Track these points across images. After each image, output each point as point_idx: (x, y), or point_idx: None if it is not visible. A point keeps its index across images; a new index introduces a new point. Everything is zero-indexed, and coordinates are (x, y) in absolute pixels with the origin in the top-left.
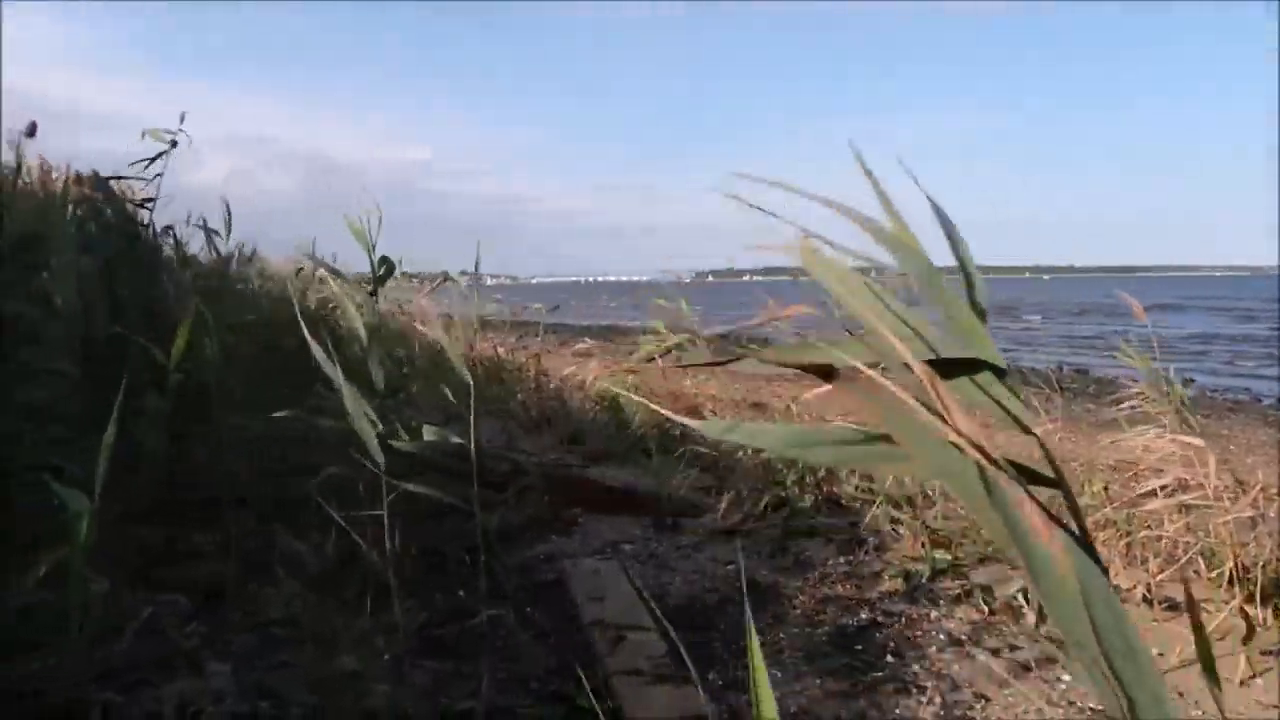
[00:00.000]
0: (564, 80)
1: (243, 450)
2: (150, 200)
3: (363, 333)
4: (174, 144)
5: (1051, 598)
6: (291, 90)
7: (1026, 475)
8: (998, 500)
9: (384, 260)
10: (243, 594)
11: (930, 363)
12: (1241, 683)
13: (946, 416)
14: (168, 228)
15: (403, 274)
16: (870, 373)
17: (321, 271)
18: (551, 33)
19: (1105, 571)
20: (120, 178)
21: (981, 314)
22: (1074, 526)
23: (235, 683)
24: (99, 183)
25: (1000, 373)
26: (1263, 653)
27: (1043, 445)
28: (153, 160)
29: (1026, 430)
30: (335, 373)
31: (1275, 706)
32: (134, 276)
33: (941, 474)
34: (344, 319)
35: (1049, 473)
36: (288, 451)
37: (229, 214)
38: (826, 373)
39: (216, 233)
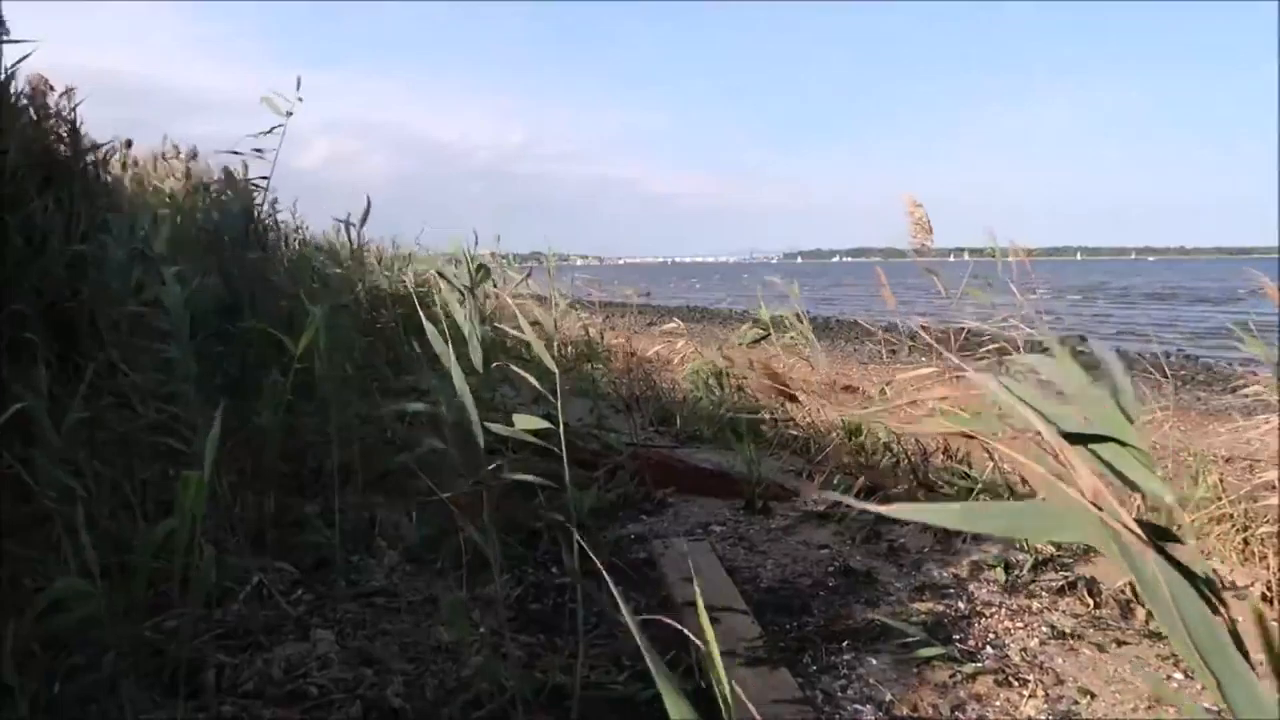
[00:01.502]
0: (682, 63)
1: (348, 426)
2: (265, 178)
3: (463, 318)
4: (289, 114)
5: (1150, 598)
6: (399, 76)
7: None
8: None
9: (480, 267)
10: (346, 564)
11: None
12: None
13: (1072, 468)
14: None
15: (495, 254)
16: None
17: (415, 253)
18: (655, 12)
19: (1200, 577)
20: (235, 153)
21: (1129, 415)
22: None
23: (339, 649)
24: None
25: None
26: None
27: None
28: (267, 133)
29: (1137, 489)
30: (448, 354)
31: None
32: (249, 256)
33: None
34: (440, 302)
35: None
36: (390, 428)
37: (368, 204)
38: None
39: (352, 224)
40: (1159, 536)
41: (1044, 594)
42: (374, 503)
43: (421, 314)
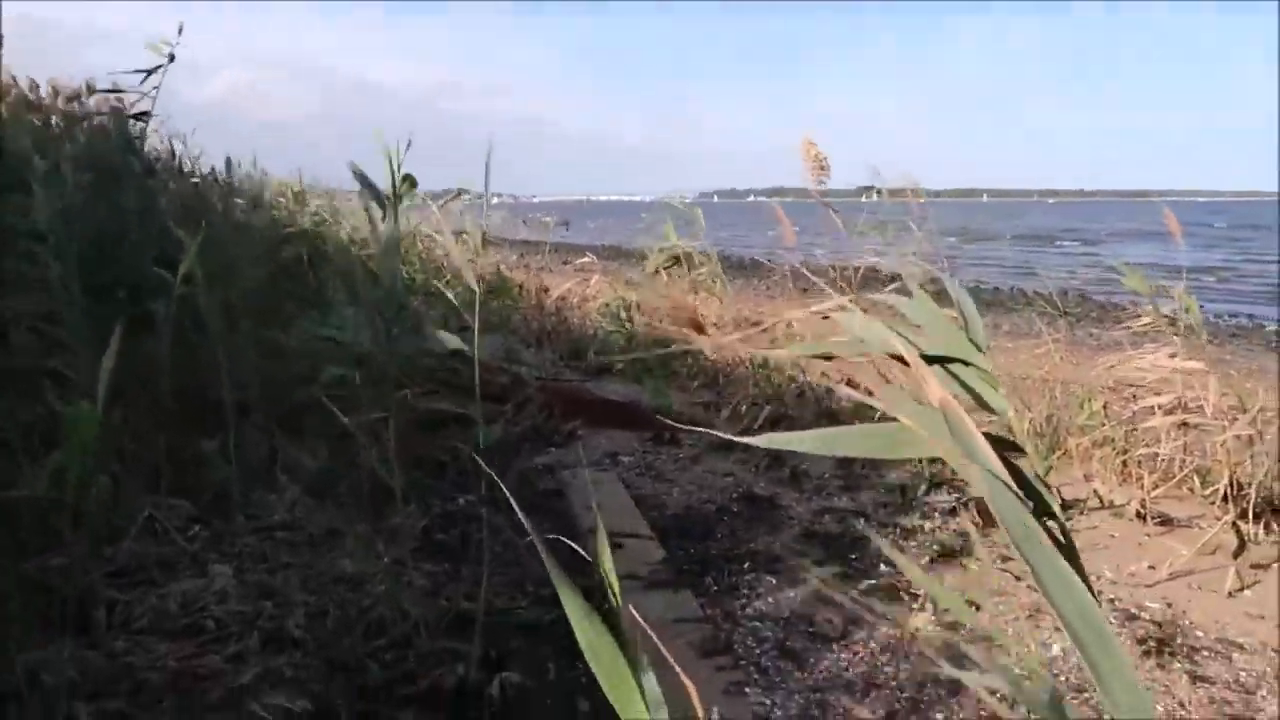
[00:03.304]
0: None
1: (247, 359)
2: (146, 114)
3: (383, 243)
4: (171, 58)
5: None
6: (316, 8)
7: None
8: (955, 432)
9: (406, 177)
10: (246, 499)
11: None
12: (1230, 594)
13: (923, 382)
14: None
15: (413, 195)
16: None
17: (320, 189)
18: None
19: (1032, 485)
20: (115, 91)
21: (977, 342)
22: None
23: (238, 583)
24: (93, 95)
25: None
26: (1252, 566)
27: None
28: (149, 74)
29: (986, 406)
30: (357, 271)
31: (1261, 616)
32: (131, 189)
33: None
34: (346, 234)
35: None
36: (291, 361)
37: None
38: (829, 357)
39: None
40: (1000, 447)
41: (936, 514)
42: (275, 437)
43: (343, 236)
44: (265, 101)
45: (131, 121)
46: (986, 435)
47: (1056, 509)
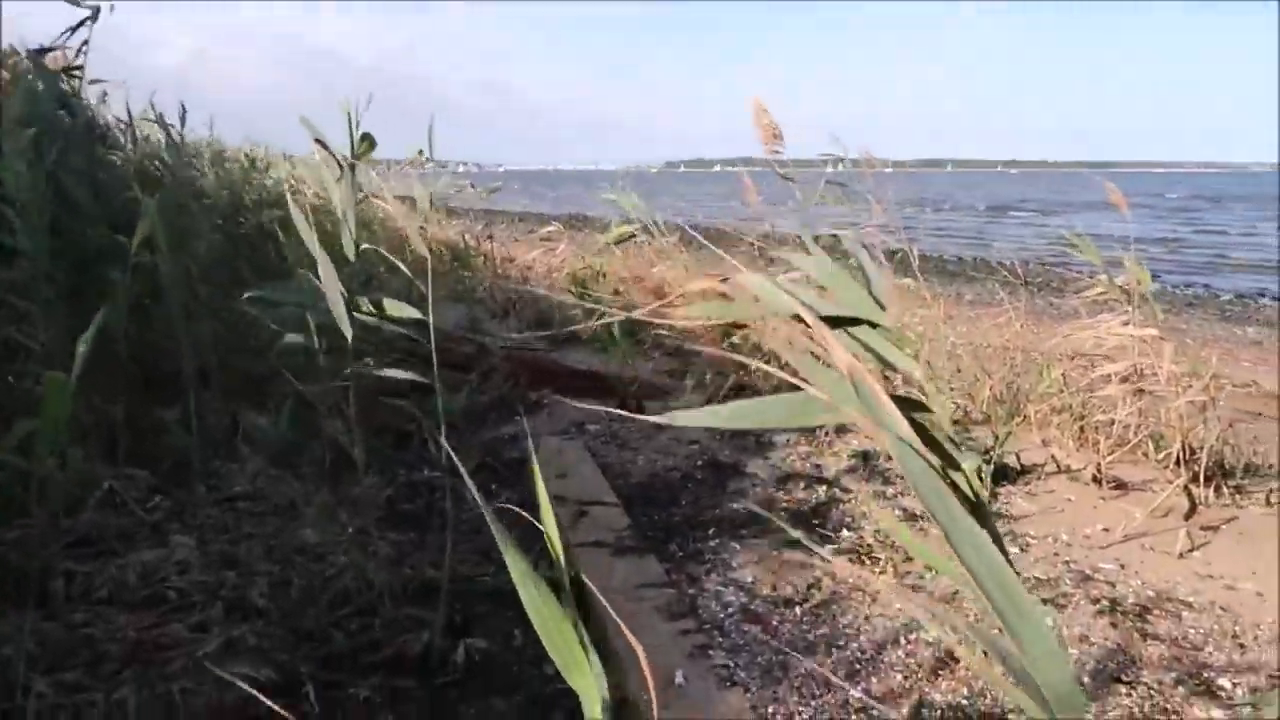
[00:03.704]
0: None
1: (205, 328)
2: (78, 68)
3: (341, 206)
4: (96, 12)
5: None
6: None
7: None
8: (862, 397)
9: (365, 136)
10: (207, 469)
11: (823, 319)
12: (1181, 555)
13: (829, 347)
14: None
15: (371, 160)
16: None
17: (281, 156)
18: None
19: (940, 444)
20: (47, 49)
21: (881, 303)
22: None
23: (200, 554)
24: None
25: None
26: (1203, 528)
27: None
28: (74, 30)
29: (892, 368)
30: (312, 239)
31: (1211, 576)
32: (79, 154)
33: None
34: (305, 199)
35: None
36: (250, 330)
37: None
38: (740, 325)
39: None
40: (909, 407)
41: (898, 480)
42: (236, 407)
43: (291, 204)
44: (224, 69)
45: (64, 77)
46: (895, 398)
47: (965, 467)
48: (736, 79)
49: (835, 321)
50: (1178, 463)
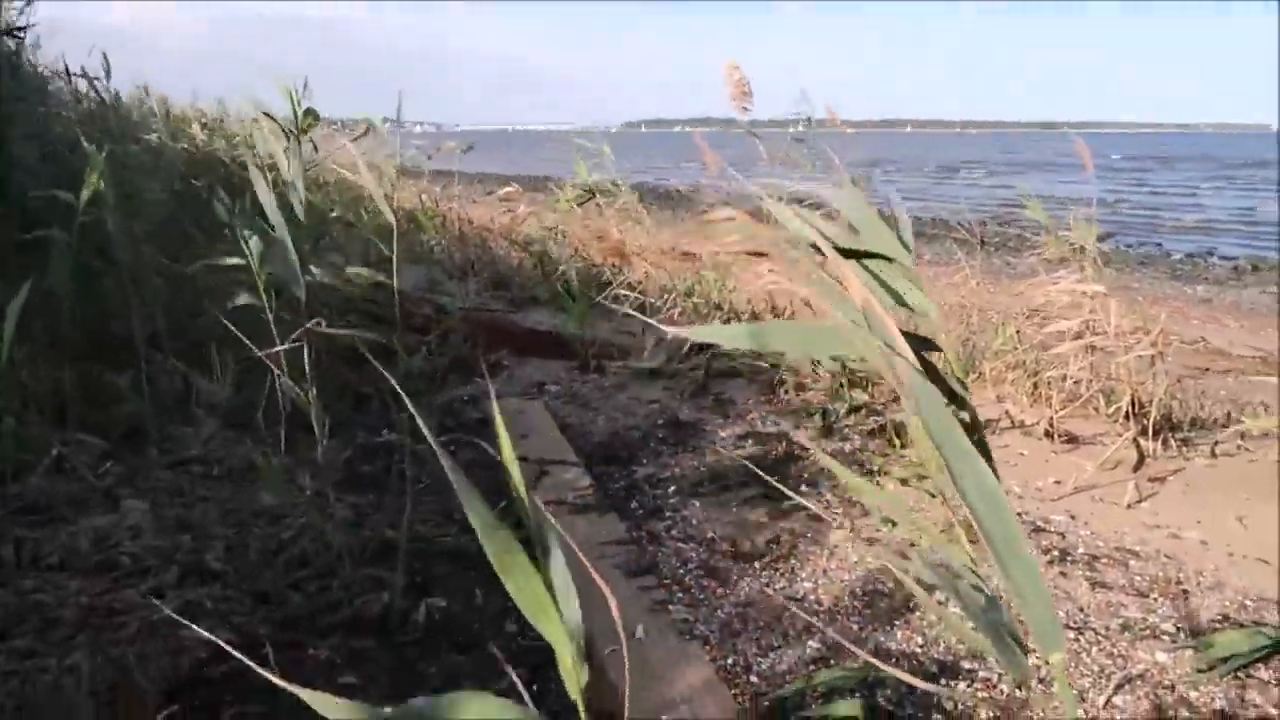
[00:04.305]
0: None
1: (156, 291)
2: (20, 29)
3: (286, 166)
4: None
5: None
6: None
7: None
8: (875, 329)
9: (309, 111)
10: (161, 434)
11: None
12: (1129, 506)
13: (844, 281)
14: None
15: (325, 120)
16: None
17: (233, 117)
18: None
19: (945, 381)
20: None
21: (906, 245)
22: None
23: (153, 518)
24: None
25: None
26: (1151, 480)
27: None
28: None
29: (908, 308)
30: (269, 200)
31: (1157, 526)
32: (25, 113)
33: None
34: (260, 156)
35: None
36: (203, 292)
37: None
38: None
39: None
40: (919, 344)
41: (856, 437)
42: (189, 370)
43: (251, 165)
44: (168, 30)
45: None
46: (905, 334)
47: (971, 405)
48: (697, 39)
49: (853, 254)
50: (1127, 417)
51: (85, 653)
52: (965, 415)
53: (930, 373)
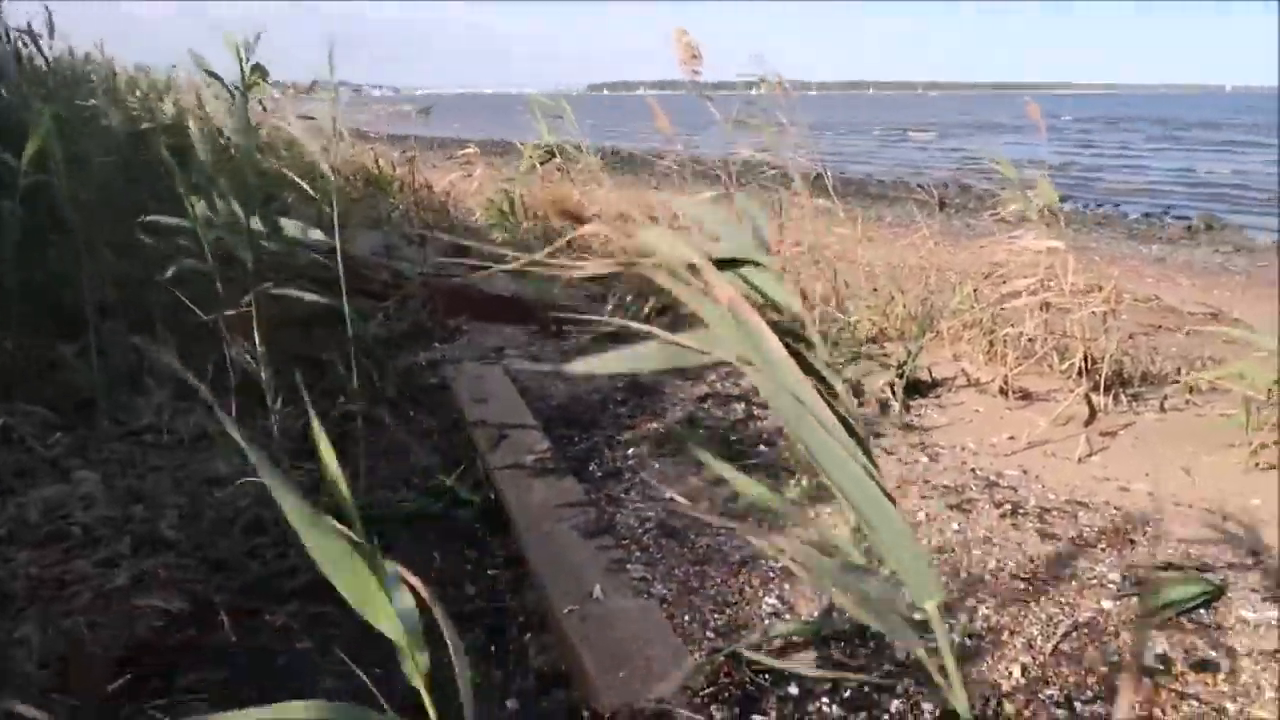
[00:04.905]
0: None
1: (104, 259)
2: None
3: (233, 133)
4: None
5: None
6: None
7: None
8: (742, 328)
9: (256, 67)
10: (112, 404)
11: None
12: (1080, 460)
13: (711, 285)
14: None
15: (277, 84)
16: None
17: (182, 83)
18: None
19: (818, 371)
20: None
21: (765, 245)
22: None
23: (105, 488)
24: None
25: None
26: (1102, 434)
27: (803, 323)
28: None
29: (779, 310)
30: (208, 158)
31: (1107, 479)
32: None
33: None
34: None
35: None
36: (152, 260)
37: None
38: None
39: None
40: (789, 337)
41: None
42: (140, 339)
43: (193, 126)
44: None
45: None
46: (776, 327)
47: (841, 392)
48: (660, 5)
49: (722, 263)
50: (1080, 373)
51: (35, 625)
52: (839, 394)
53: (799, 360)
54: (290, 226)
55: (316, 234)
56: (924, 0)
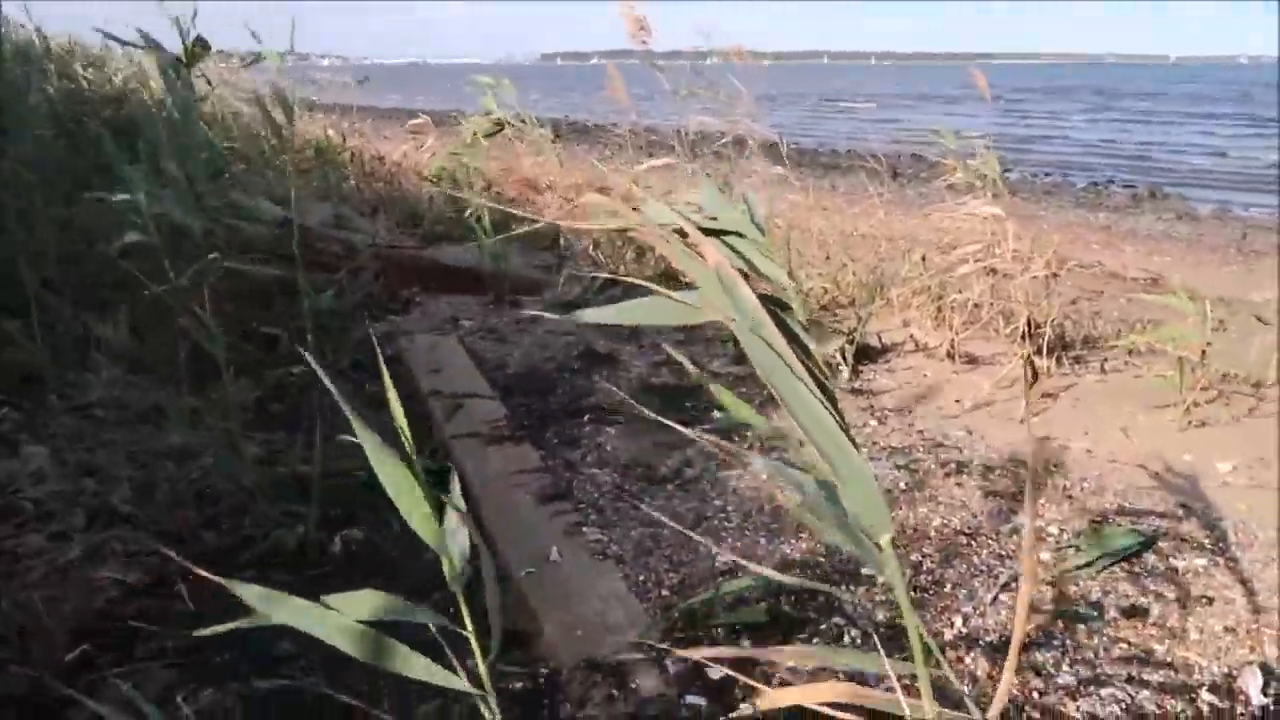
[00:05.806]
0: None
1: (46, 233)
2: None
3: (175, 105)
4: None
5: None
6: None
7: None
8: (725, 285)
9: (198, 39)
10: (60, 380)
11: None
12: (1022, 421)
13: (703, 250)
14: None
15: (221, 52)
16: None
17: (120, 51)
18: None
19: (799, 338)
20: None
21: (760, 228)
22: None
23: (55, 463)
24: None
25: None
26: (1044, 395)
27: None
28: None
29: (761, 275)
30: (155, 132)
31: (1047, 437)
32: None
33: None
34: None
35: None
36: (98, 236)
37: None
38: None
39: None
40: (771, 303)
41: None
42: (87, 314)
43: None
44: None
45: None
46: (760, 295)
47: (813, 349)
48: None
49: (711, 232)
50: (1023, 337)
51: None
52: (811, 351)
53: (779, 323)
54: (241, 199)
55: (268, 206)
56: None
